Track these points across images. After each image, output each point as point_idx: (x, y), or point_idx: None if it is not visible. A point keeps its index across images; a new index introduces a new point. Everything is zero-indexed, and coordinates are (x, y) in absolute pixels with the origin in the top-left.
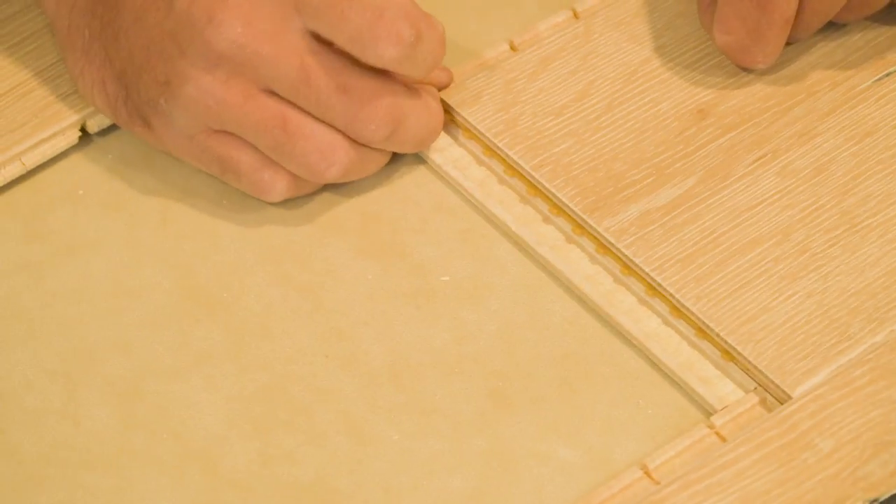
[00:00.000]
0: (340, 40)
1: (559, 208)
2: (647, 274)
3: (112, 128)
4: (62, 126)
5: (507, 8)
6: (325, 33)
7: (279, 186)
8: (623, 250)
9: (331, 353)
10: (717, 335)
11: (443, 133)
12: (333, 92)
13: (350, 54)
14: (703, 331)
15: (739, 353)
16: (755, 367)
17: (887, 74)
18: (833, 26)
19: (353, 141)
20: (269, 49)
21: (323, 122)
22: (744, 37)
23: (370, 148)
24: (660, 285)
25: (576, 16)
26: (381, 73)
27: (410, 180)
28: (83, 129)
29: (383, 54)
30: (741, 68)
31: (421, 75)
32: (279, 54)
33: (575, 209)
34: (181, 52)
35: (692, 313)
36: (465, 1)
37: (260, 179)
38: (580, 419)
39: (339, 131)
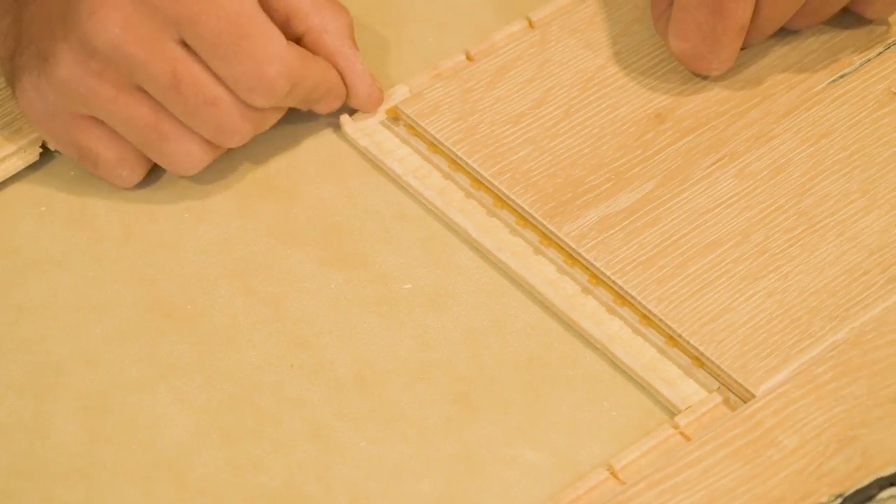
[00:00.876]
0: (220, 73)
1: (525, 220)
2: (608, 277)
3: None
4: (23, 143)
5: (463, 19)
6: (206, 60)
7: (135, 178)
8: (584, 255)
9: (296, 362)
10: (680, 336)
11: (402, 143)
12: (202, 104)
13: None
14: (670, 337)
15: (702, 354)
16: (718, 367)
17: (842, 76)
18: (788, 29)
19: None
20: (143, 54)
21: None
22: (699, 43)
23: None
24: (621, 288)
25: (531, 25)
26: None
27: (372, 191)
28: (44, 146)
29: (254, 102)
30: (696, 74)
31: (299, 105)
32: (152, 59)
33: (535, 215)
34: (64, 35)
35: (654, 315)
36: (421, 13)
37: (118, 175)
38: (545, 422)
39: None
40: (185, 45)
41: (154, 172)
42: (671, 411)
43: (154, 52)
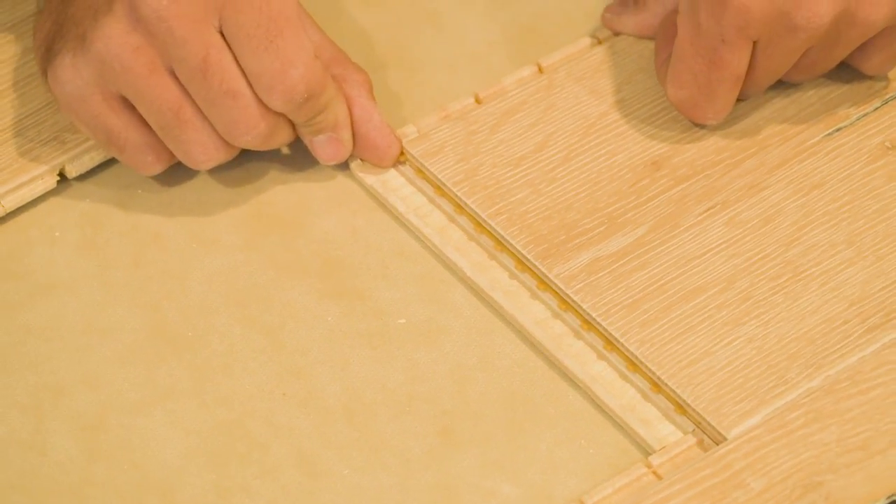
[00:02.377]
0: (246, 67)
1: (524, 264)
2: (594, 319)
3: (90, 173)
4: (41, 171)
5: (477, 63)
6: (237, 52)
7: (158, 167)
8: (572, 296)
9: (288, 391)
10: (659, 378)
11: (408, 182)
12: (223, 94)
13: None
14: (654, 383)
15: (679, 396)
16: (693, 410)
17: (837, 129)
18: (786, 82)
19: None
20: (183, 31)
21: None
22: (695, 92)
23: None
24: (605, 329)
25: (540, 70)
26: None
27: (375, 228)
28: (62, 174)
29: (271, 101)
30: (694, 123)
31: (306, 126)
32: (190, 39)
33: (528, 256)
34: (109, 8)
35: (636, 357)
36: (436, 56)
37: (143, 161)
38: (524, 457)
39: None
40: (222, 35)
41: (166, 202)
42: (647, 451)
43: (193, 32)
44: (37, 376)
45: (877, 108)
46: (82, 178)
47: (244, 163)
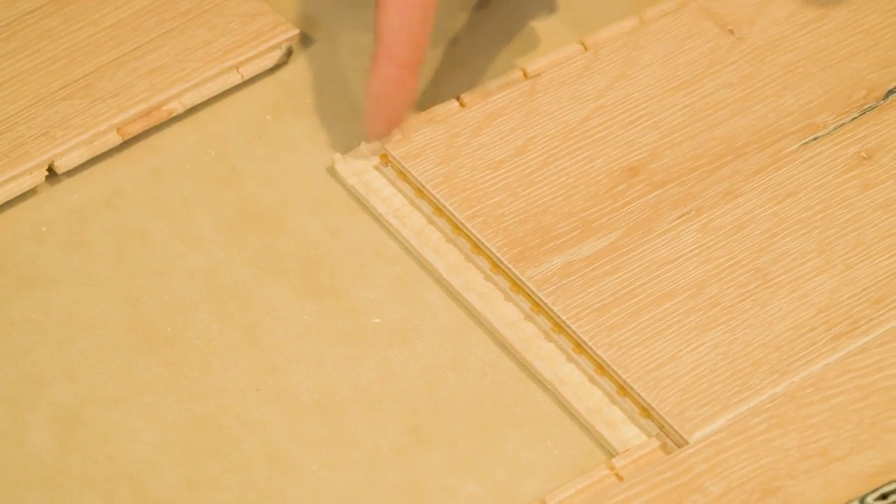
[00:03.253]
0: None
1: (499, 267)
2: (564, 322)
3: (78, 169)
4: (30, 165)
5: (464, 68)
6: None
7: None
8: (543, 298)
9: (262, 387)
10: (625, 382)
11: (389, 184)
12: None
13: None
14: (621, 386)
15: (643, 400)
16: (657, 413)
17: (815, 138)
18: (771, 85)
19: None
20: None
21: None
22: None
23: None
24: (574, 332)
25: (525, 75)
26: None
27: (355, 228)
28: (50, 169)
29: None
30: None
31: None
32: None
33: (502, 259)
34: None
35: (603, 360)
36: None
37: None
38: (490, 457)
39: None
40: None
41: (152, 199)
42: (611, 453)
43: None
44: (17, 368)
45: (854, 118)
46: (71, 173)
47: (230, 161)
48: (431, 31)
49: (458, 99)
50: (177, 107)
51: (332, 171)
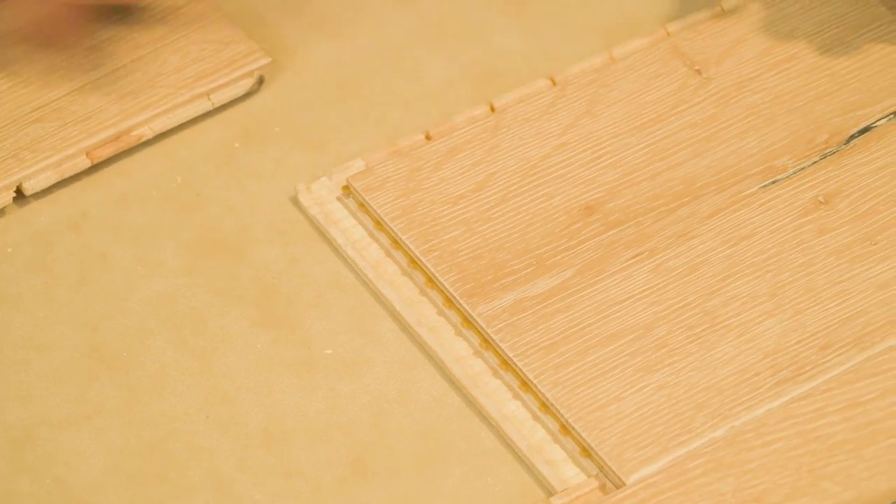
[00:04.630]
0: None
1: (451, 302)
2: (511, 359)
3: (46, 192)
4: None
5: (433, 99)
6: None
7: None
8: (492, 335)
9: (212, 414)
10: (567, 421)
11: (349, 215)
12: None
13: None
14: (563, 426)
15: (584, 440)
16: (597, 454)
17: (774, 182)
18: (735, 126)
19: None
20: None
21: None
22: None
23: None
24: (521, 370)
25: (492, 110)
26: None
27: (314, 258)
28: (18, 191)
29: None
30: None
31: None
32: None
33: (454, 294)
34: None
35: (547, 399)
36: (393, 92)
37: None
38: (431, 492)
39: None
40: None
41: (117, 224)
42: (551, 492)
43: None
44: None
45: (814, 163)
46: (38, 195)
47: (196, 188)
48: None
49: (425, 132)
50: (146, 132)
51: (295, 201)
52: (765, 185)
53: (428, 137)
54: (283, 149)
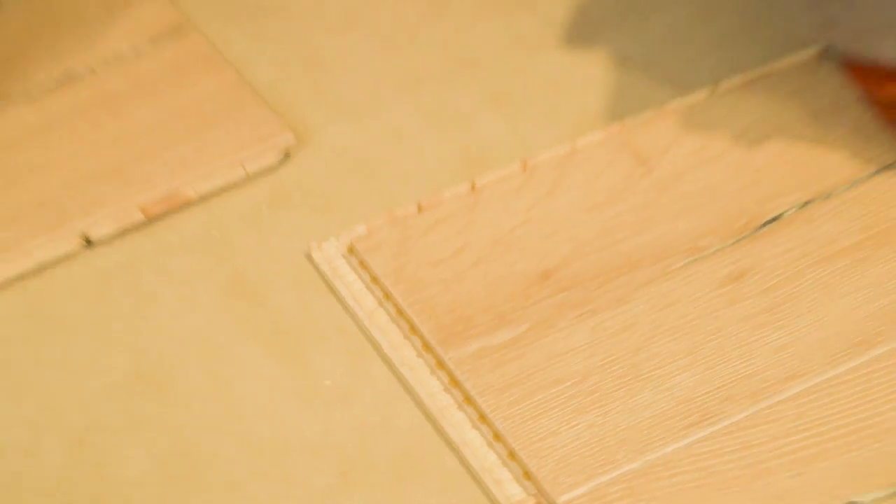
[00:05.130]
0: None
1: (428, 346)
2: (472, 397)
3: (109, 239)
4: (68, 234)
5: (426, 174)
6: None
7: None
8: (458, 376)
9: (229, 428)
10: (513, 450)
11: (352, 270)
12: None
13: None
14: (511, 452)
15: (526, 465)
16: (535, 477)
17: (696, 259)
18: (670, 211)
19: None
20: None
21: None
22: None
23: None
24: (479, 406)
25: (473, 188)
26: None
27: (321, 304)
28: (86, 238)
29: None
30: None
31: None
32: None
33: (430, 340)
34: None
35: (499, 431)
36: (392, 169)
37: None
38: (402, 502)
39: None
40: None
41: (163, 270)
42: None
43: None
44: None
45: (732, 244)
46: (103, 242)
47: (228, 241)
48: None
49: (418, 203)
50: (191, 193)
51: (308, 257)
52: (689, 262)
53: (419, 209)
54: (301, 212)
